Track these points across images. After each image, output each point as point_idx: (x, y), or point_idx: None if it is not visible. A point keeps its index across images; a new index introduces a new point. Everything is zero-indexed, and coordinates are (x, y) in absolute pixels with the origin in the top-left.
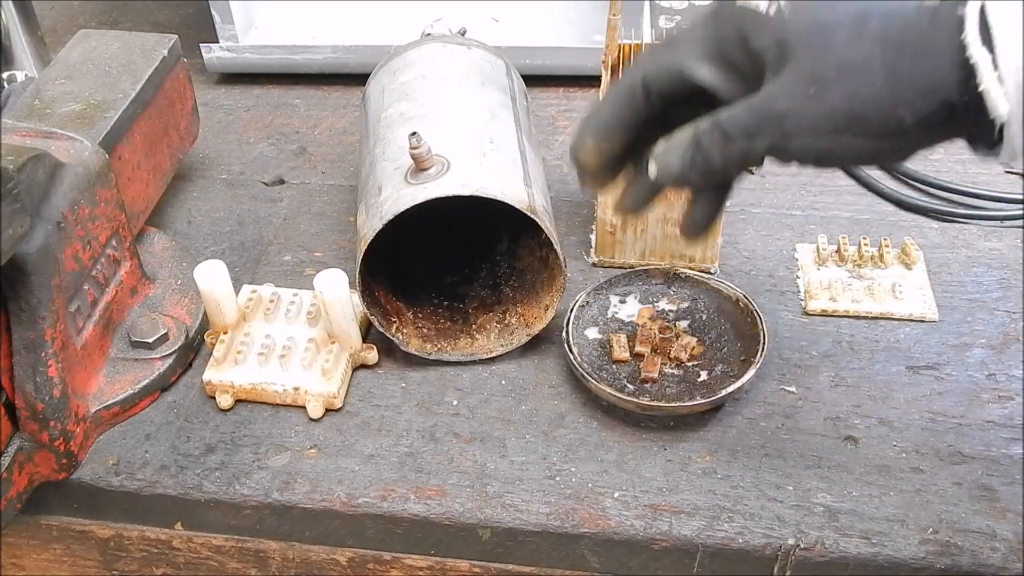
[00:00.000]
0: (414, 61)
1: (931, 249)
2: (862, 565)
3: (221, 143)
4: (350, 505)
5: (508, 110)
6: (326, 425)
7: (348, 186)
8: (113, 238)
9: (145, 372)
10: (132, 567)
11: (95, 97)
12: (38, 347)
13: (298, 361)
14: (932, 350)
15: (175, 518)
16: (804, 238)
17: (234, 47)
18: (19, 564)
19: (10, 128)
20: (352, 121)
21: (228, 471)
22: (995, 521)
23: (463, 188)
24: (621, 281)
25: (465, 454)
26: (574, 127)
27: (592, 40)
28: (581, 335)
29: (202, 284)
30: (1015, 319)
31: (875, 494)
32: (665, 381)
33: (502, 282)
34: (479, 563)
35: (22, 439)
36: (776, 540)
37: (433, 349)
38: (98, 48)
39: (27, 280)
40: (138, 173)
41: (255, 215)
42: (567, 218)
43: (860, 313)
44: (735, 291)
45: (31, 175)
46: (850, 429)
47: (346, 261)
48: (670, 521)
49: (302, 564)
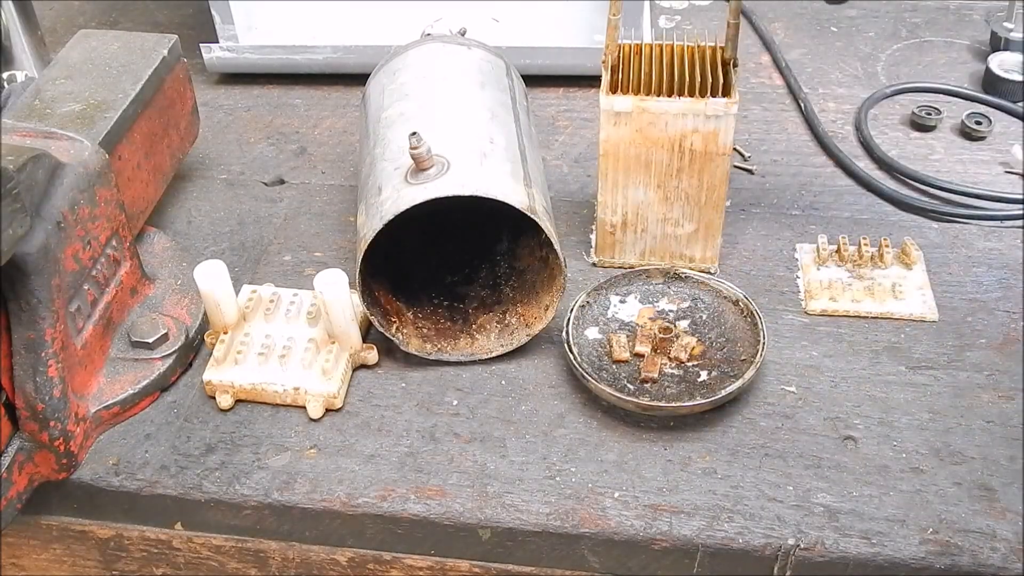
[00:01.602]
0: (414, 61)
1: (931, 249)
2: (862, 565)
3: (221, 143)
4: (350, 505)
5: (508, 110)
6: (326, 425)
7: (348, 186)
8: (113, 238)
9: (145, 372)
10: (132, 567)
11: (95, 97)
12: (38, 347)
13: (298, 361)
14: (932, 350)
15: (175, 518)
16: (804, 238)
17: (234, 47)
18: (19, 564)
19: (10, 128)
20: (352, 121)
21: (228, 471)
22: (995, 521)
23: (463, 188)
24: (621, 281)
25: (465, 454)
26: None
27: (592, 40)
28: (581, 335)
29: (202, 284)
30: (1015, 319)
31: (875, 494)
32: (665, 381)
33: (502, 282)
34: (479, 563)
35: (22, 439)
36: (776, 540)
37: (433, 349)
38: (98, 48)
39: (27, 280)
40: (138, 173)
41: (255, 215)
42: (567, 218)
43: (860, 313)
44: (735, 291)
45: (31, 175)
46: (850, 429)
47: (346, 261)
48: (670, 521)
49: (302, 564)
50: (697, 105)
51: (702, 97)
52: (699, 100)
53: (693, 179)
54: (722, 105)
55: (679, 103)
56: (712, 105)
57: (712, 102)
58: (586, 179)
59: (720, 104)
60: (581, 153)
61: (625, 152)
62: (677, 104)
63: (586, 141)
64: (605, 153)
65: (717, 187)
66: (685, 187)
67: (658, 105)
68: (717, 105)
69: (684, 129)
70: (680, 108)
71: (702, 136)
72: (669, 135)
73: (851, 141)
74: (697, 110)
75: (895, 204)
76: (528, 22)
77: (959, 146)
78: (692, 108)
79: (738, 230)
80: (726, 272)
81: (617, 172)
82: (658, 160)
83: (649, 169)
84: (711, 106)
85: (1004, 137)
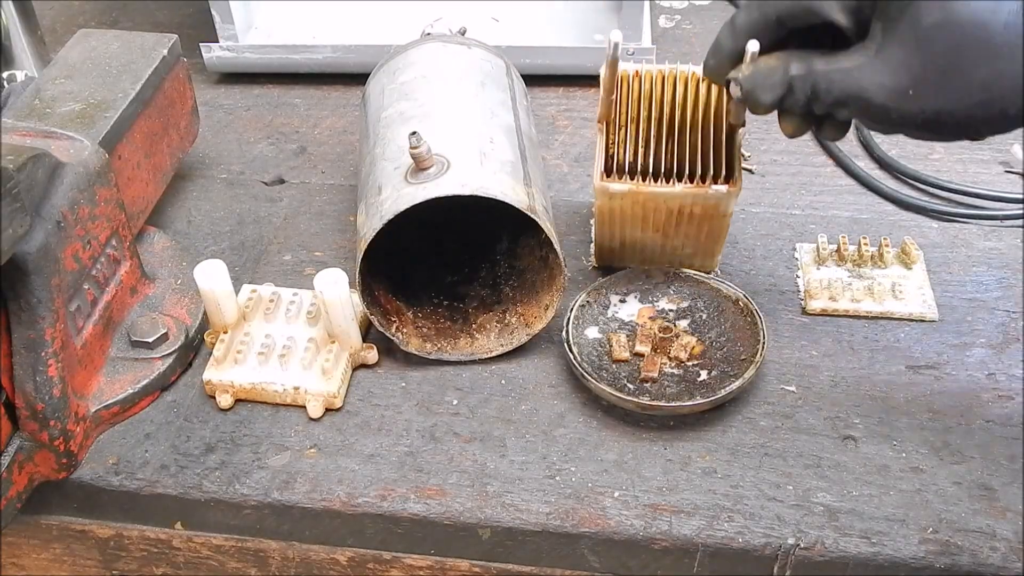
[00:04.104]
0: (414, 61)
1: (931, 249)
2: (862, 565)
3: (221, 143)
4: (350, 505)
5: (508, 110)
6: (326, 425)
7: (348, 186)
8: (113, 238)
9: (145, 372)
10: (132, 567)
11: (95, 97)
12: (38, 347)
13: (298, 361)
14: (932, 350)
15: (175, 518)
16: (804, 238)
17: (234, 47)
18: (19, 564)
19: (10, 128)
20: (352, 121)
21: (228, 471)
22: (995, 521)
23: (463, 188)
24: (621, 281)
25: (465, 454)
26: (707, 51)
27: (592, 40)
28: (581, 335)
29: (202, 284)
30: (1015, 319)
31: (875, 494)
32: (665, 381)
33: (502, 282)
34: (479, 563)
35: (22, 439)
36: (776, 540)
37: (433, 349)
38: (98, 48)
39: (27, 280)
40: (138, 173)
41: (255, 215)
42: (567, 218)
43: (860, 313)
44: (735, 291)
45: (31, 175)
46: (850, 429)
47: (346, 261)
48: (670, 521)
49: (302, 564)
50: (698, 191)
51: (703, 185)
52: (700, 188)
53: (692, 228)
54: (724, 191)
55: (678, 188)
56: (714, 189)
57: (715, 188)
58: (586, 179)
59: (722, 189)
60: (581, 153)
61: (621, 214)
62: (676, 189)
63: (586, 141)
64: (600, 216)
65: (719, 232)
66: (685, 231)
67: (656, 189)
68: (719, 190)
69: (683, 202)
70: (679, 192)
71: (703, 206)
72: (668, 206)
73: (851, 141)
74: (697, 193)
75: (895, 203)
76: (528, 22)
77: (959, 145)
78: (692, 192)
79: (738, 230)
80: (726, 272)
81: (614, 226)
82: (656, 218)
83: (648, 222)
84: (713, 191)
85: (1004, 137)
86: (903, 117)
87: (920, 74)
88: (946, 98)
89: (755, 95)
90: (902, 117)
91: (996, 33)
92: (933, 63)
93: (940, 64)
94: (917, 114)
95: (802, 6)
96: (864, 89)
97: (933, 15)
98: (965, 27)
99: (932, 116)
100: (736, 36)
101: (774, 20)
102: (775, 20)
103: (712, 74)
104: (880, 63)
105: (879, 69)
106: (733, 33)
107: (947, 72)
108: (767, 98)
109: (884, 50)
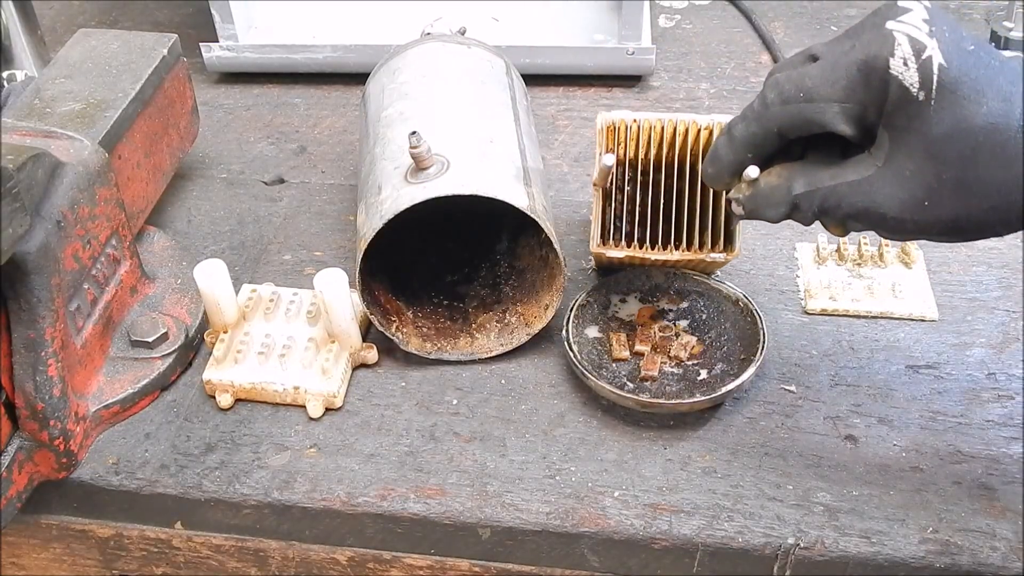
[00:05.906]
0: (414, 61)
1: (931, 248)
2: (862, 564)
3: (221, 142)
4: (350, 504)
5: (508, 110)
6: (326, 424)
7: (348, 185)
8: (113, 237)
9: (145, 371)
10: (132, 566)
11: (95, 96)
12: (38, 346)
13: (298, 360)
14: (932, 349)
15: (175, 517)
16: (804, 237)
17: (234, 46)
18: (19, 563)
19: (10, 127)
20: (352, 120)
21: (228, 470)
22: (995, 520)
23: (463, 187)
24: (621, 280)
25: (465, 453)
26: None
27: (592, 40)
28: (581, 334)
29: (202, 283)
30: (1015, 319)
31: (875, 493)
32: (665, 379)
33: (502, 281)
34: (479, 562)
35: (22, 438)
36: (776, 539)
37: (433, 348)
38: (98, 47)
39: (27, 279)
40: (138, 172)
41: (255, 214)
42: (567, 217)
43: (860, 312)
44: (735, 291)
45: (31, 174)
46: (850, 429)
47: (346, 260)
48: (670, 520)
49: (302, 563)
50: (695, 257)
51: (700, 252)
52: (698, 254)
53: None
54: (722, 259)
55: (675, 256)
56: (712, 258)
57: (712, 256)
58: (586, 179)
59: (720, 258)
60: (581, 153)
61: (620, 265)
62: (673, 256)
63: (586, 140)
64: (599, 262)
65: (719, 266)
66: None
67: (654, 256)
68: (717, 258)
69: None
70: (676, 259)
71: (701, 268)
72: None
73: None
74: (694, 259)
75: None
76: (528, 22)
77: None
78: (689, 258)
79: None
80: (726, 271)
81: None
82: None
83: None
84: (711, 259)
85: None
86: (919, 226)
87: (934, 184)
88: (963, 205)
89: (759, 214)
90: (918, 227)
91: (1011, 138)
92: (948, 172)
93: (955, 173)
94: (934, 223)
95: (803, 117)
96: (877, 204)
97: (944, 124)
98: (978, 135)
99: (950, 223)
100: (735, 149)
101: (774, 132)
102: (775, 132)
103: (711, 183)
104: (891, 174)
105: (890, 180)
106: (732, 145)
107: (962, 181)
108: (771, 216)
109: (894, 160)
